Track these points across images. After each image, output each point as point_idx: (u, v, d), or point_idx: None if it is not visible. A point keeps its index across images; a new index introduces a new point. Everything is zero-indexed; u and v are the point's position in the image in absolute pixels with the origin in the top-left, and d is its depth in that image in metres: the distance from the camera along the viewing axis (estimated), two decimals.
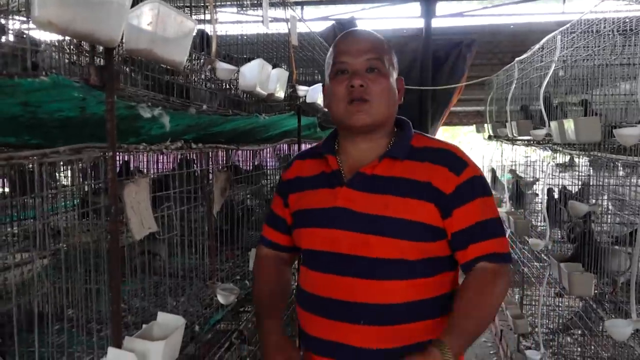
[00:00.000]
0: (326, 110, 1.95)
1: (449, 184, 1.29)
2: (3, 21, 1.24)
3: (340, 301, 1.30)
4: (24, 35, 1.20)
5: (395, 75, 1.39)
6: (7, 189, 2.10)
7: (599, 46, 2.65)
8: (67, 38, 1.31)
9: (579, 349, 3.64)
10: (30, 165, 1.19)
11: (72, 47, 1.38)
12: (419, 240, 1.29)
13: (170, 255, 1.81)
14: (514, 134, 4.02)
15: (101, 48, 1.15)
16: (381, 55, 1.34)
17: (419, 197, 1.29)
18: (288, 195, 1.47)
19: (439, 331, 1.30)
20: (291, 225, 1.47)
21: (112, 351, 1.19)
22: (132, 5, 1.14)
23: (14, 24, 1.42)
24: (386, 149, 1.36)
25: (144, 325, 1.38)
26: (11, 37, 1.26)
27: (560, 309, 3.96)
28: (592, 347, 3.26)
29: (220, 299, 1.94)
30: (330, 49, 1.41)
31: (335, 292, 1.32)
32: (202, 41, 1.86)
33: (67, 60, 1.40)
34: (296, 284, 1.49)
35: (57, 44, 1.31)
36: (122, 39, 1.12)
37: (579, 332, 3.48)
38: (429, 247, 1.30)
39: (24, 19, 1.39)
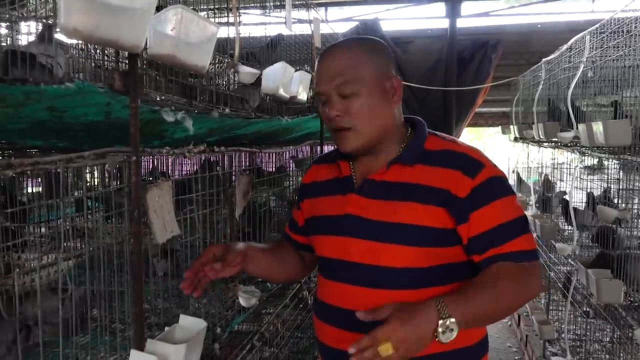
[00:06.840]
0: None
1: (464, 188, 1.23)
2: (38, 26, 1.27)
3: (351, 311, 1.23)
4: (51, 41, 1.23)
5: (386, 76, 1.28)
6: (34, 189, 2.15)
7: (630, 47, 2.59)
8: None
9: (607, 357, 3.55)
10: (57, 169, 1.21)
11: (97, 52, 1.41)
12: (429, 245, 1.25)
13: (192, 256, 1.82)
14: (541, 136, 3.95)
15: (125, 53, 1.16)
16: (353, 74, 1.25)
17: (428, 202, 1.24)
18: (303, 199, 1.48)
19: (452, 343, 1.22)
20: (305, 229, 1.48)
21: (134, 354, 1.21)
22: (156, 10, 1.15)
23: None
24: (396, 154, 1.32)
25: (166, 327, 1.40)
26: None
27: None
28: (621, 355, 3.18)
29: (242, 301, 1.94)
30: None
31: (345, 301, 1.30)
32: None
33: (92, 65, 1.42)
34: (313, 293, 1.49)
35: (82, 48, 1.33)
36: (146, 43, 1.14)
37: (607, 339, 3.40)
38: (440, 252, 1.25)
39: (52, 23, 1.41)
